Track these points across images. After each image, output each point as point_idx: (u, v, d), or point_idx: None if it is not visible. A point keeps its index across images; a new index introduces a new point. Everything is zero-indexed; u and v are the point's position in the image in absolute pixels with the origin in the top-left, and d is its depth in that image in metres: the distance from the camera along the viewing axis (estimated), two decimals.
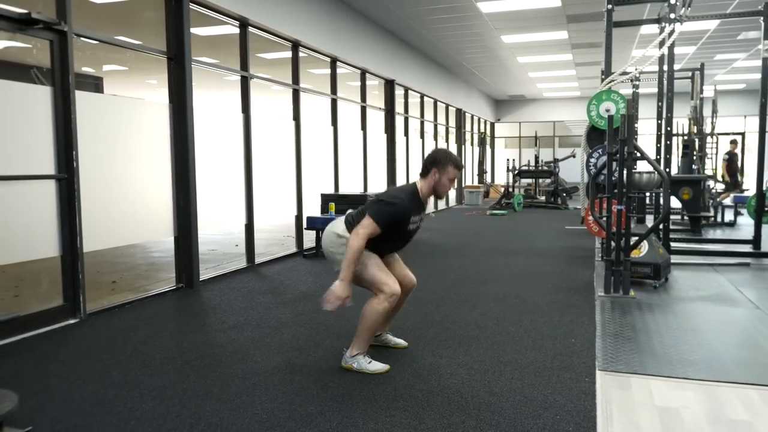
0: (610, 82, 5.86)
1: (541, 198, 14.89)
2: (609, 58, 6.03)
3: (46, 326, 3.93)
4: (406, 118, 11.76)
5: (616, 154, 4.75)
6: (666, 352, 3.36)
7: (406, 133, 11.78)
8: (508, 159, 15.66)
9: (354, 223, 3.07)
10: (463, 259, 6.65)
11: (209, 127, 5.62)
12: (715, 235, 8.53)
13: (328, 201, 7.17)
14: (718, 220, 9.94)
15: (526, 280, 5.43)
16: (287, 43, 7.11)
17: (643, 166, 5.64)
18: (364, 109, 9.46)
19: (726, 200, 11.02)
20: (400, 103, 11.36)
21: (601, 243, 6.25)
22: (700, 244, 7.39)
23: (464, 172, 16.35)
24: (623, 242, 4.73)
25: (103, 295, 4.98)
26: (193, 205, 5.21)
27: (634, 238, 4.95)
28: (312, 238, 7.36)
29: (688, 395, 2.76)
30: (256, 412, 2.60)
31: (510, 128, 21.94)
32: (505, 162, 15.55)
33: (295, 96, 7.19)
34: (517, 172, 14.46)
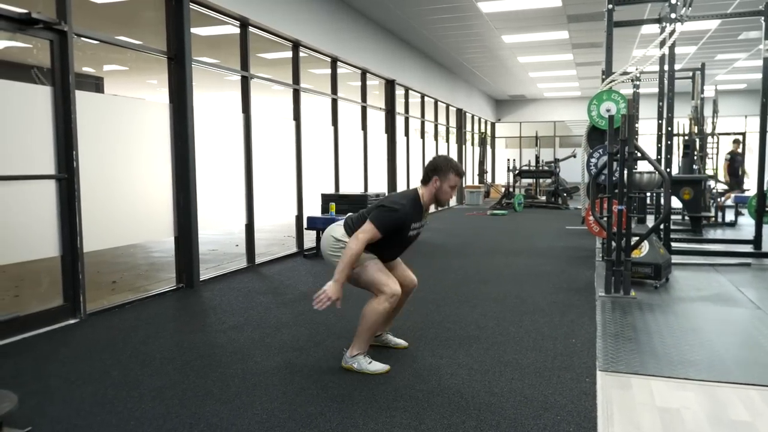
0: (611, 82, 5.86)
1: (541, 198, 14.89)
2: (610, 58, 6.02)
3: (46, 326, 3.93)
4: (407, 118, 11.76)
5: (616, 154, 4.74)
6: (667, 353, 3.35)
7: (407, 133, 11.79)
8: (509, 159, 15.66)
9: (353, 227, 3.07)
10: (463, 259, 6.65)
11: (210, 127, 5.62)
12: (716, 236, 8.52)
13: (328, 201, 7.17)
14: (719, 220, 9.93)
15: (527, 281, 5.43)
16: (288, 43, 7.11)
17: (643, 166, 5.63)
18: (364, 109, 9.46)
19: (727, 201, 11.00)
20: (400, 103, 11.36)
21: (602, 243, 6.25)
22: (701, 245, 7.39)
23: (465, 172, 16.33)
24: (624, 242, 4.72)
25: (104, 295, 4.98)
26: (193, 205, 5.21)
27: (635, 238, 4.95)
28: (312, 238, 7.36)
29: (689, 396, 2.76)
30: (256, 413, 2.59)
31: (510, 128, 21.95)
32: (506, 162, 15.54)
33: (296, 96, 7.19)
34: (517, 172, 14.46)
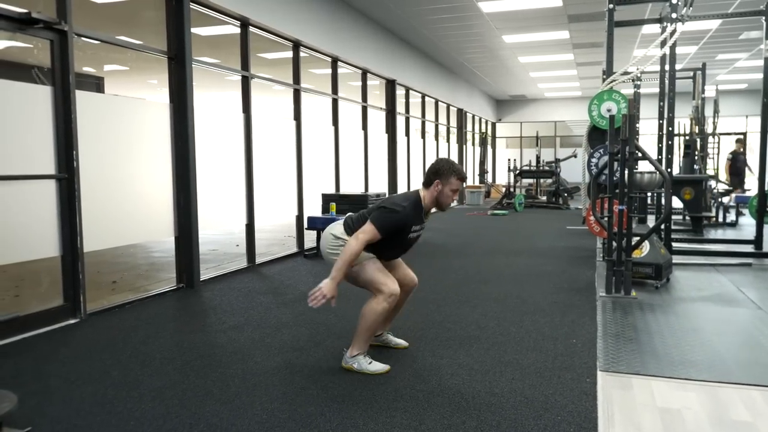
0: (612, 82, 5.85)
1: (542, 198, 14.88)
2: (610, 57, 6.02)
3: (46, 326, 3.93)
4: (407, 118, 11.76)
5: (617, 154, 4.74)
6: (667, 353, 3.35)
7: (408, 133, 11.78)
8: (510, 159, 15.65)
9: (353, 227, 3.06)
10: (464, 259, 6.64)
11: (210, 127, 5.62)
12: (717, 236, 8.51)
13: (329, 201, 7.17)
14: (720, 220, 9.92)
15: (528, 281, 5.42)
16: (288, 43, 7.10)
17: (644, 166, 5.63)
18: (365, 109, 9.45)
19: (728, 201, 10.99)
20: (401, 103, 11.36)
21: (603, 243, 6.24)
22: (702, 245, 7.38)
23: (465, 172, 16.33)
24: (624, 242, 4.72)
25: (104, 295, 4.98)
26: (193, 204, 5.21)
27: (636, 239, 4.94)
28: (313, 238, 7.35)
29: (690, 396, 2.75)
30: (256, 413, 2.59)
31: (511, 128, 21.94)
32: (507, 162, 15.54)
33: (296, 96, 7.18)
34: (518, 172, 14.45)
